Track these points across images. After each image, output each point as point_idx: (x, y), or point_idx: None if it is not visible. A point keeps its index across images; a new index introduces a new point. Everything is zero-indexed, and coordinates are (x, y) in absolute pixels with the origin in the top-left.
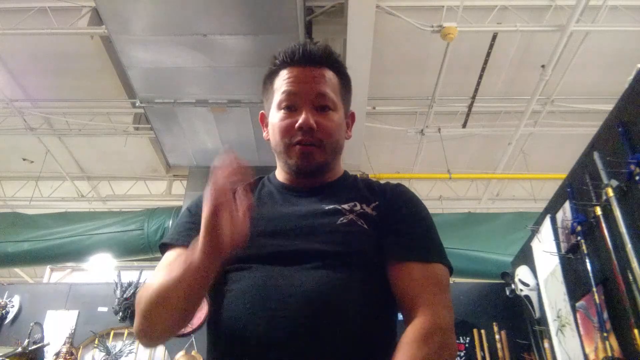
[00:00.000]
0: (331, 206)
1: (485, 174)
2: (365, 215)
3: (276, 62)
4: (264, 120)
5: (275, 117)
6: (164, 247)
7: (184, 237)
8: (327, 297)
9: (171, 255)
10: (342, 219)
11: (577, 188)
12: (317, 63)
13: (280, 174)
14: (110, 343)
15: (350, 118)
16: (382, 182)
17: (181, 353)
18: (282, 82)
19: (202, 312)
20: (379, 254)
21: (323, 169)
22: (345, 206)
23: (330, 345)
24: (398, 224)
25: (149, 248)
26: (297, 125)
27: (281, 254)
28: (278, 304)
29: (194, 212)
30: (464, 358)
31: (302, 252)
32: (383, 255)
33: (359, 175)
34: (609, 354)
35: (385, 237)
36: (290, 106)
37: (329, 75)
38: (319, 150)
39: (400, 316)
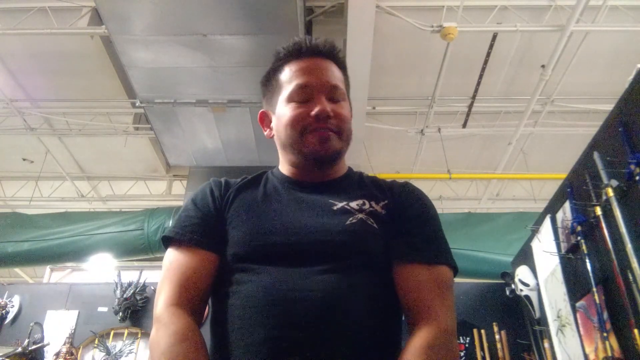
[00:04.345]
0: (340, 205)
1: (485, 174)
2: (374, 214)
3: (280, 57)
4: (264, 119)
5: (285, 110)
6: (166, 240)
7: (189, 234)
8: (334, 305)
9: (176, 257)
10: (351, 218)
11: (577, 188)
12: (323, 55)
13: (284, 168)
14: (110, 343)
15: None
16: (388, 180)
17: None
18: (290, 75)
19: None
20: (387, 254)
21: (337, 158)
22: (354, 205)
23: (337, 352)
24: (406, 224)
25: (149, 248)
26: (313, 113)
27: (289, 254)
28: (285, 311)
29: (200, 205)
30: (464, 358)
31: (310, 253)
32: (390, 255)
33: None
34: (609, 354)
35: (393, 237)
36: (303, 98)
37: (335, 68)
38: (336, 136)
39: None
